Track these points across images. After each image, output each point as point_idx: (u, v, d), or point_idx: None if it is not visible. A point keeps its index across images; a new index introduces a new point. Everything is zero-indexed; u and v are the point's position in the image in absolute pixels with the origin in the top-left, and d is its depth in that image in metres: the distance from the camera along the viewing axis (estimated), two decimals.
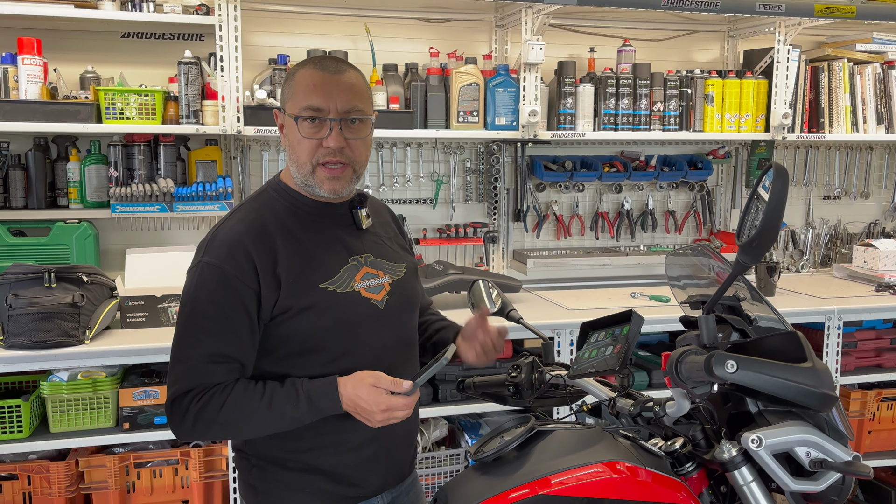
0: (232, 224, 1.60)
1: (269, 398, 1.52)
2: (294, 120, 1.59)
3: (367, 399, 1.49)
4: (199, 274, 1.56)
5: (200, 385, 1.52)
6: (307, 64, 1.62)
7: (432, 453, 3.00)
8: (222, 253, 1.55)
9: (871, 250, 3.76)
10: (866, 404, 3.34)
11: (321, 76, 1.58)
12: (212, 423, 1.51)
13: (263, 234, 1.58)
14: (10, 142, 3.07)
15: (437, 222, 3.61)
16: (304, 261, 1.59)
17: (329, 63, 1.60)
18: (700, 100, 3.61)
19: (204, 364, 1.52)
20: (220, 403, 1.50)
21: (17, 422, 2.56)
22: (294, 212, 1.65)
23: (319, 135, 1.58)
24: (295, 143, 1.61)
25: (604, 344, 1.55)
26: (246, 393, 1.52)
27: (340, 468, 1.63)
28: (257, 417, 1.52)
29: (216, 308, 1.53)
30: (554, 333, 2.93)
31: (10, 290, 2.57)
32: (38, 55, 2.86)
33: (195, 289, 1.56)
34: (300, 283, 1.57)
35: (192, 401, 1.51)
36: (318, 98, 1.57)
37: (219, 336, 1.53)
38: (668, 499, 1.41)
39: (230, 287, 1.53)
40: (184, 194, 3.02)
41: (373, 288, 1.66)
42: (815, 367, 1.33)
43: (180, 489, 2.71)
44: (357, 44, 3.39)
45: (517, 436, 1.53)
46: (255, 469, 1.67)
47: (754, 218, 1.35)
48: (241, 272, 1.53)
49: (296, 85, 1.60)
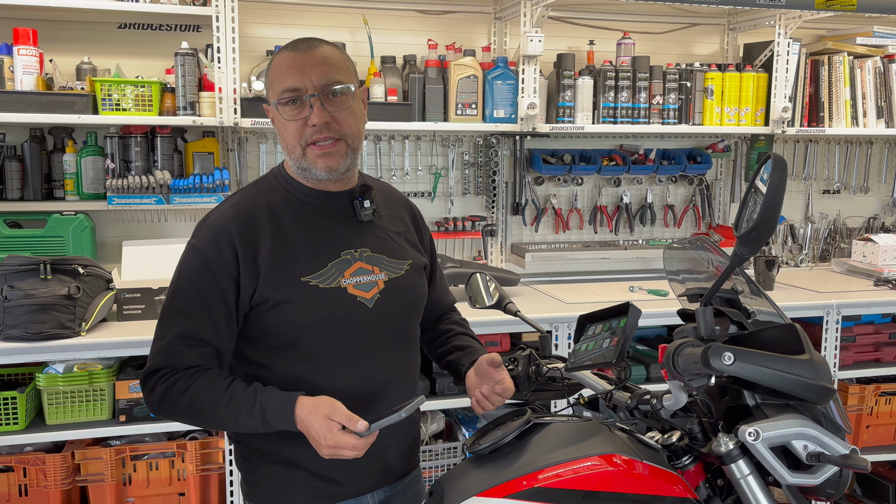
0: (224, 209, 1.60)
1: (229, 398, 1.49)
2: (275, 106, 1.57)
3: (317, 429, 1.43)
4: (185, 256, 1.58)
5: (171, 365, 1.52)
6: (281, 49, 1.61)
7: (430, 446, 2.99)
8: (208, 237, 1.55)
9: (870, 245, 3.75)
10: (864, 399, 3.34)
11: (293, 56, 1.56)
12: (175, 406, 1.51)
13: (250, 221, 1.57)
14: (5, 133, 3.05)
15: (436, 215, 3.60)
16: (288, 252, 1.57)
17: (300, 43, 1.58)
18: (699, 93, 3.59)
19: (177, 344, 1.52)
20: (183, 389, 1.50)
21: (13, 414, 2.56)
22: (289, 201, 1.62)
23: (302, 115, 1.55)
24: (282, 128, 1.59)
25: (601, 337, 1.54)
26: (210, 385, 1.51)
27: (320, 466, 1.57)
28: (215, 414, 1.51)
29: (195, 291, 1.54)
30: (552, 327, 2.92)
31: (6, 282, 2.57)
32: (33, 46, 2.85)
33: (180, 270, 1.57)
34: (280, 274, 1.55)
35: (160, 380, 1.52)
36: (292, 78, 1.54)
37: (194, 318, 1.53)
38: (664, 492, 1.40)
39: (210, 271, 1.53)
40: (181, 186, 3.01)
41: (363, 285, 1.60)
42: (812, 360, 1.33)
43: (177, 482, 2.71)
44: (355, 35, 3.38)
45: (513, 428, 1.52)
46: (242, 459, 1.67)
47: (752, 210, 1.34)
48: (221, 258, 1.53)
49: (272, 71, 1.58)
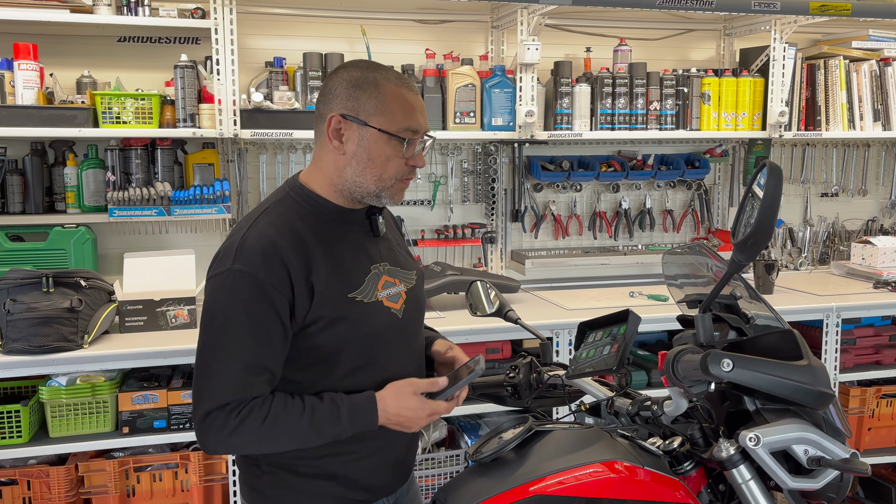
0: (261, 230, 1.54)
1: (311, 414, 1.50)
2: (388, 135, 1.57)
3: (413, 408, 1.54)
4: (230, 283, 1.49)
5: (239, 399, 1.47)
6: (390, 78, 1.60)
7: (432, 454, 3.00)
8: (255, 260, 1.49)
9: (869, 247, 3.76)
10: (865, 401, 3.34)
11: (413, 97, 1.61)
12: (250, 437, 1.47)
13: (296, 240, 1.54)
14: (7, 147, 3.06)
15: (436, 223, 3.61)
16: (335, 269, 1.57)
17: (410, 82, 1.63)
18: (697, 98, 3.61)
19: (241, 376, 1.48)
20: (261, 418, 1.47)
21: (17, 427, 2.56)
22: (318, 218, 1.61)
23: (409, 153, 1.60)
24: (383, 158, 1.58)
25: (601, 343, 1.55)
26: (286, 408, 1.50)
27: (353, 474, 1.63)
28: (298, 433, 1.50)
29: (251, 318, 1.48)
30: (552, 333, 2.93)
31: (9, 296, 2.57)
32: (34, 60, 2.86)
33: (228, 298, 1.49)
34: (332, 292, 1.55)
35: (231, 415, 1.46)
36: (417, 121, 1.60)
37: (255, 347, 1.48)
38: (666, 498, 1.41)
39: (265, 295, 1.48)
40: (181, 198, 3.02)
41: (392, 297, 1.65)
42: (810, 365, 1.34)
43: (180, 493, 2.71)
44: (353, 46, 3.40)
45: (515, 436, 1.53)
46: (267, 476, 1.64)
47: (749, 216, 1.35)
48: (276, 280, 1.49)
49: (388, 101, 1.57)
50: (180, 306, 2.83)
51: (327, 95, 1.61)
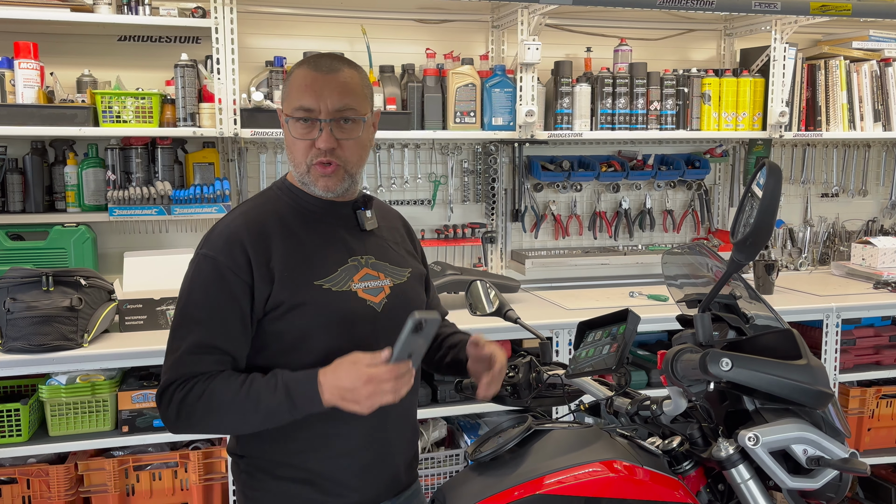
0: (232, 217, 1.62)
1: (248, 386, 1.49)
2: (287, 119, 1.59)
3: (347, 376, 1.42)
4: (195, 266, 1.58)
5: (185, 374, 1.51)
6: (303, 63, 1.62)
7: (432, 454, 3.00)
8: (218, 245, 1.56)
9: (869, 248, 3.76)
10: (865, 402, 3.34)
11: (313, 76, 1.58)
12: (193, 412, 1.49)
13: (261, 228, 1.59)
14: (7, 146, 3.07)
15: (436, 223, 3.61)
16: (301, 258, 1.59)
17: (324, 61, 1.60)
18: (697, 98, 3.61)
19: (190, 354, 1.51)
20: (200, 392, 1.49)
21: (16, 425, 2.56)
22: (297, 210, 1.65)
23: (311, 135, 1.58)
24: (290, 143, 1.61)
25: (601, 343, 1.55)
26: (227, 382, 1.50)
27: (333, 473, 1.60)
28: (235, 406, 1.49)
29: (208, 299, 1.54)
30: (552, 333, 2.93)
31: (8, 294, 2.57)
32: (34, 59, 2.87)
33: (190, 280, 1.58)
34: (294, 278, 1.57)
35: (176, 390, 1.50)
36: (309, 98, 1.56)
37: (208, 326, 1.53)
38: (665, 497, 1.41)
39: (223, 278, 1.54)
40: (181, 197, 3.03)
41: (371, 290, 1.64)
42: (809, 364, 1.34)
43: (180, 492, 2.71)
44: (354, 45, 3.40)
45: (514, 435, 1.53)
46: (245, 475, 1.65)
47: (749, 216, 1.35)
48: (235, 264, 1.54)
49: (290, 84, 1.60)
50: None
51: None
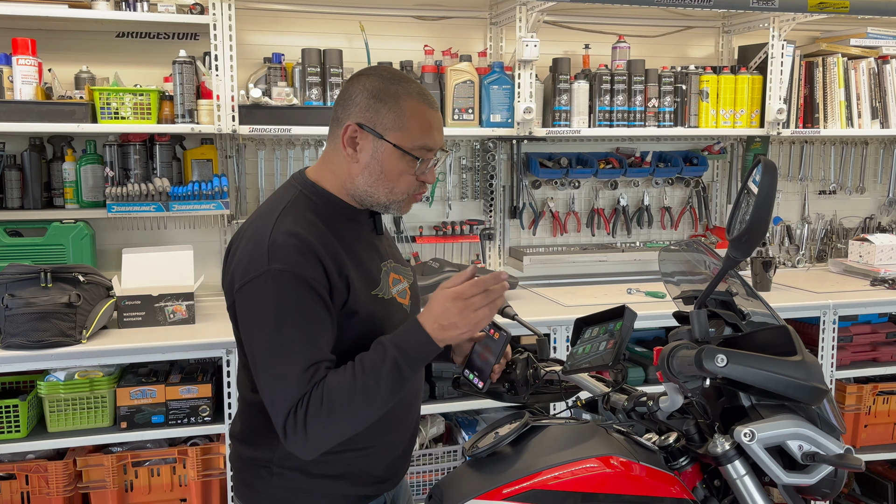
0: (288, 228, 1.52)
1: (360, 366, 1.46)
2: (402, 152, 1.56)
3: (436, 303, 1.46)
4: (272, 284, 1.47)
5: (300, 395, 1.45)
6: (417, 96, 1.58)
7: (430, 450, 3.00)
8: (293, 258, 1.48)
9: (866, 245, 3.77)
10: (862, 398, 3.35)
11: (432, 114, 1.59)
12: (320, 420, 1.44)
13: (326, 238, 1.54)
14: (5, 142, 3.06)
15: (434, 220, 3.61)
16: (359, 267, 1.59)
17: (429, 96, 1.61)
18: (695, 96, 3.61)
19: (303, 374, 1.46)
20: (319, 398, 1.44)
21: (15, 422, 2.57)
22: (336, 216, 1.62)
23: (421, 170, 1.60)
24: (395, 174, 1.58)
25: (598, 340, 1.56)
26: (337, 376, 1.46)
27: (365, 468, 1.64)
28: (357, 389, 1.45)
29: (302, 315, 1.47)
30: (550, 330, 2.94)
31: (7, 291, 2.58)
32: (32, 55, 2.86)
33: (274, 301, 1.47)
34: (363, 288, 1.57)
35: (299, 411, 1.44)
36: (434, 139, 1.59)
37: (312, 343, 1.47)
38: (661, 493, 1.42)
39: (310, 289, 1.47)
40: (180, 193, 3.03)
41: (401, 293, 1.68)
42: (804, 361, 1.34)
43: (178, 488, 2.72)
44: (352, 42, 3.40)
45: (511, 431, 1.54)
46: (276, 477, 1.62)
47: (745, 212, 1.36)
48: (315, 274, 1.48)
49: (407, 116, 1.56)
50: (178, 302, 2.84)
51: (346, 101, 1.59)
